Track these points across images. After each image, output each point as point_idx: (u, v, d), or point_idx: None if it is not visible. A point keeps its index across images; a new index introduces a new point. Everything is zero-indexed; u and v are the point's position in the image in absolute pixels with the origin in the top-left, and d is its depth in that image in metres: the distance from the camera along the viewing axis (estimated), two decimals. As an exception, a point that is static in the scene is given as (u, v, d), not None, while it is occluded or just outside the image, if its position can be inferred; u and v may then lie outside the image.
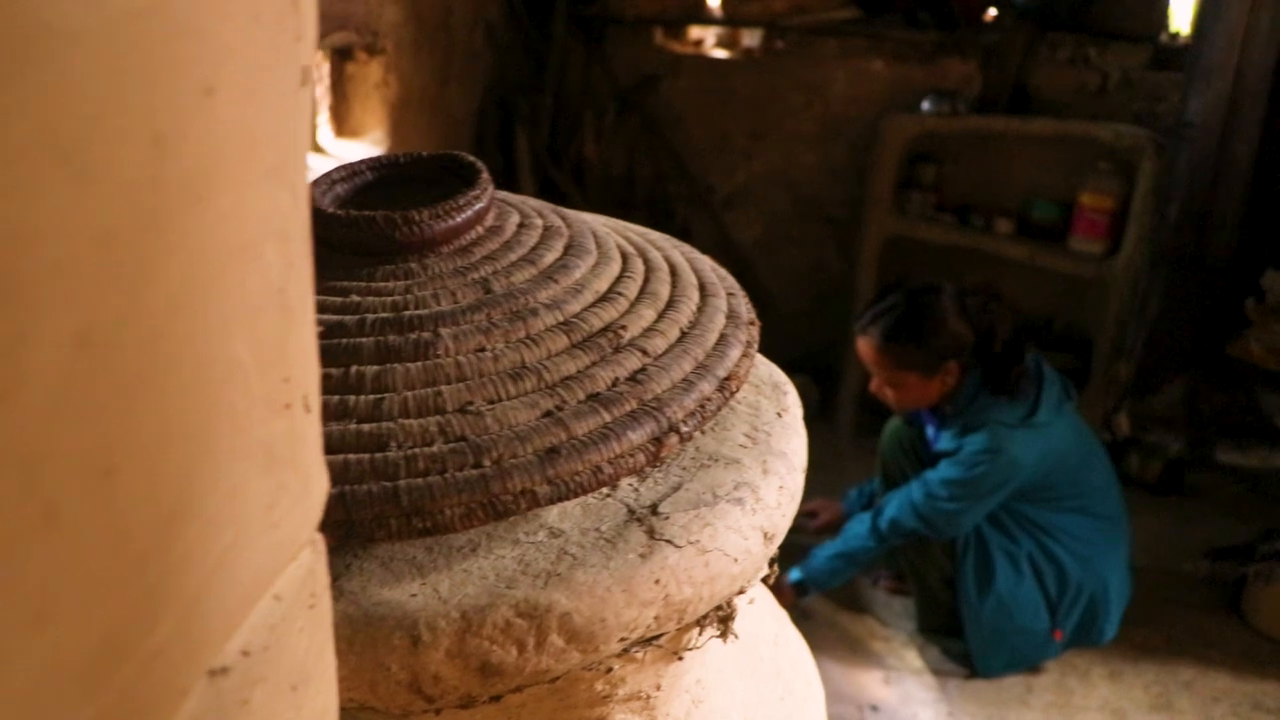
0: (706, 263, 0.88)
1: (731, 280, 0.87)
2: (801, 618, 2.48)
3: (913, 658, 2.39)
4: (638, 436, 0.66)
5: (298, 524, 0.47)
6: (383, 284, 0.73)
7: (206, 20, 0.33)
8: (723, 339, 0.75)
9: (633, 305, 0.75)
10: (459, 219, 0.75)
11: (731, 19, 3.30)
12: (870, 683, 2.31)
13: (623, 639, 0.65)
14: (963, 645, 2.30)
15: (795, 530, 2.69)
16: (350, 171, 0.82)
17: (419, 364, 0.67)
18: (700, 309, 0.78)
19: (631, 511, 0.68)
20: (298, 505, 0.46)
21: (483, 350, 0.68)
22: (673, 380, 0.70)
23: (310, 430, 0.47)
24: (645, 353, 0.71)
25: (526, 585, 0.63)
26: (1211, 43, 2.65)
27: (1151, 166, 2.91)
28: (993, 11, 3.24)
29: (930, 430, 2.31)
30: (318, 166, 1.95)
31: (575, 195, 3.09)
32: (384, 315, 0.70)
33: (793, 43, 3.28)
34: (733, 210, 3.43)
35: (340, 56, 2.46)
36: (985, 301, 2.23)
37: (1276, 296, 3.08)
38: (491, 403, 0.66)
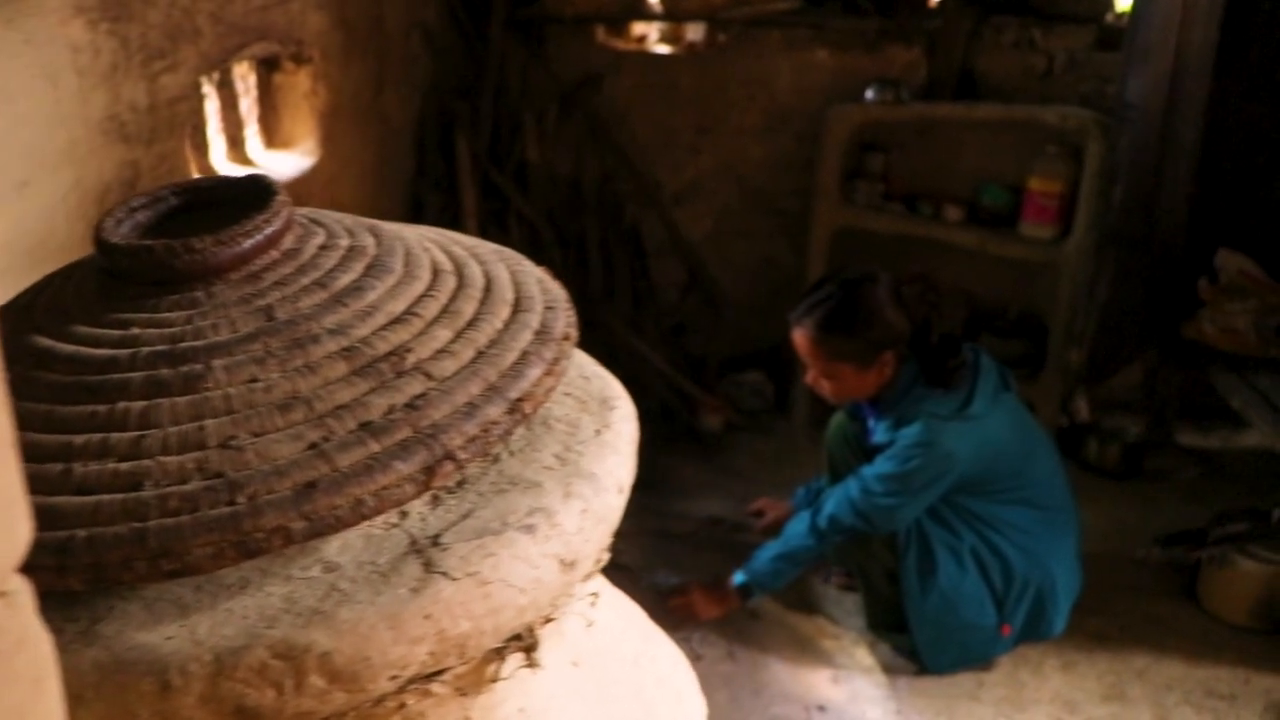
0: (534, 275, 0.86)
1: (558, 293, 0.84)
2: (751, 617, 2.45)
3: (863, 655, 2.37)
4: (407, 466, 0.63)
5: (-39, 583, 0.45)
6: (165, 315, 0.70)
7: None
8: (523, 358, 0.73)
9: (428, 326, 0.73)
10: (246, 245, 0.73)
11: (672, 14, 3.28)
12: (818, 682, 2.29)
13: (394, 676, 0.62)
14: (913, 641, 2.27)
15: (742, 530, 2.68)
16: (153, 198, 0.80)
17: (187, 398, 0.65)
18: (506, 326, 0.76)
19: (414, 542, 0.66)
20: (-39, 564, 0.44)
21: (255, 381, 0.66)
22: (455, 405, 0.67)
23: (-16, 484, 0.45)
24: (430, 376, 0.69)
25: (287, 624, 0.61)
26: (1148, 22, 2.62)
27: (1098, 148, 2.89)
28: (935, -4, 3.22)
29: (870, 423, 2.29)
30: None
31: (518, 199, 3.06)
32: (159, 348, 0.68)
33: (736, 36, 3.26)
34: (682, 207, 3.41)
35: (266, 67, 2.43)
36: (922, 291, 2.20)
37: (1229, 276, 3.06)
38: (256, 436, 0.64)
